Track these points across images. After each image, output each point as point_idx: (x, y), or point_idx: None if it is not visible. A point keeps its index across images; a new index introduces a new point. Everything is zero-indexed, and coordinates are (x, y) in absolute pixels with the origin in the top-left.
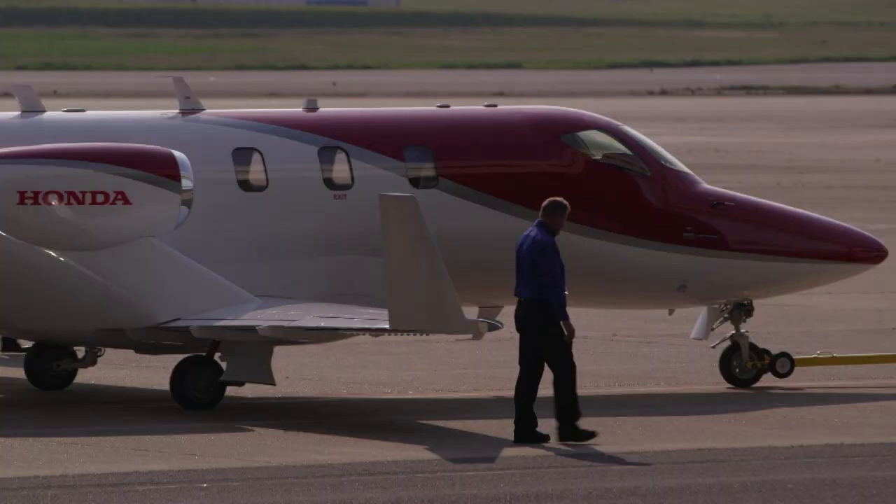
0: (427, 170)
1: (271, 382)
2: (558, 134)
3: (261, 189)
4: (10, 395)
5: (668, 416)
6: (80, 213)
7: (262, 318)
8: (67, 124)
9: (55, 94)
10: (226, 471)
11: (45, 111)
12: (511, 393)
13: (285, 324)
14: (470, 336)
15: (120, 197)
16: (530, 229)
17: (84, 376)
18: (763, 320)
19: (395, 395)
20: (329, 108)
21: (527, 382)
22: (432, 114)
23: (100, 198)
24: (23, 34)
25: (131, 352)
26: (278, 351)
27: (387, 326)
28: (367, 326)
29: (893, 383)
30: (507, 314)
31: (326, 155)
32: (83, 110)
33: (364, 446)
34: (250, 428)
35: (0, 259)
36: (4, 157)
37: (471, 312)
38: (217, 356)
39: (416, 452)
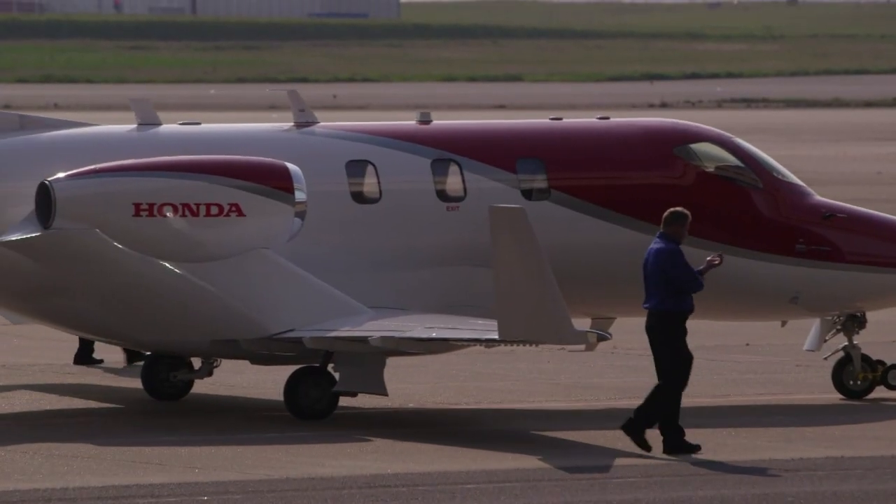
0: (539, 182)
1: (384, 393)
2: (671, 146)
3: (374, 201)
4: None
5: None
6: (194, 225)
7: (374, 328)
8: (183, 137)
9: (55, 106)
10: (226, 483)
11: (160, 124)
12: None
13: (396, 334)
14: (582, 347)
15: (234, 209)
16: (654, 242)
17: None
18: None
19: (396, 406)
20: (442, 121)
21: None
22: (545, 126)
23: (214, 210)
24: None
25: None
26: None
27: (496, 337)
28: (476, 337)
29: (892, 396)
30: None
31: (439, 167)
32: (198, 123)
33: (365, 459)
34: (251, 439)
35: (116, 271)
36: (120, 170)
37: (584, 324)
38: (330, 367)
39: (417, 465)
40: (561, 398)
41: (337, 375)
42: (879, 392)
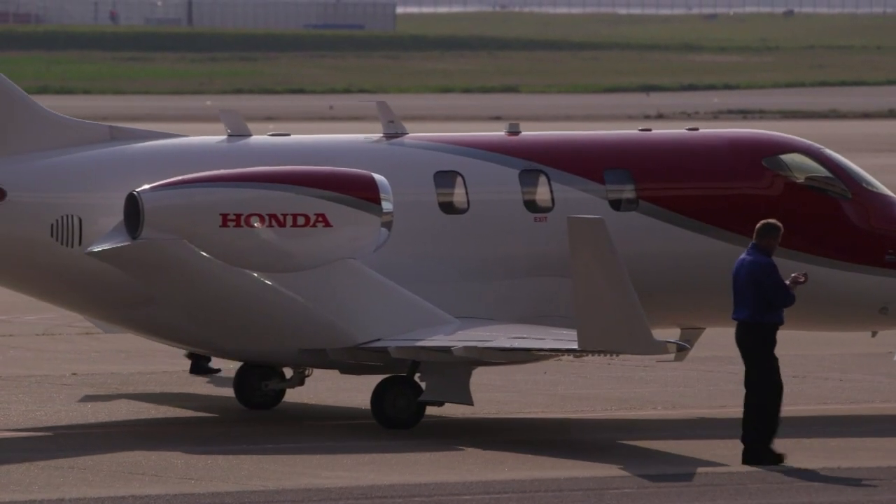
0: (627, 192)
1: (469, 402)
2: (760, 157)
3: (462, 212)
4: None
5: (664, 440)
6: (281, 235)
7: (458, 339)
8: (273, 148)
9: None
10: (222, 495)
11: (251, 135)
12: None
13: (479, 344)
14: (671, 357)
15: (321, 219)
16: (745, 253)
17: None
18: None
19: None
20: (531, 132)
21: (752, 404)
22: (633, 137)
23: (301, 220)
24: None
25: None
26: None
27: (576, 347)
28: (556, 347)
29: (890, 406)
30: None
31: (527, 178)
32: (288, 134)
33: (362, 470)
34: (249, 451)
35: (203, 281)
36: (207, 181)
37: (672, 335)
38: (417, 376)
39: (414, 476)
40: (557, 409)
41: (423, 385)
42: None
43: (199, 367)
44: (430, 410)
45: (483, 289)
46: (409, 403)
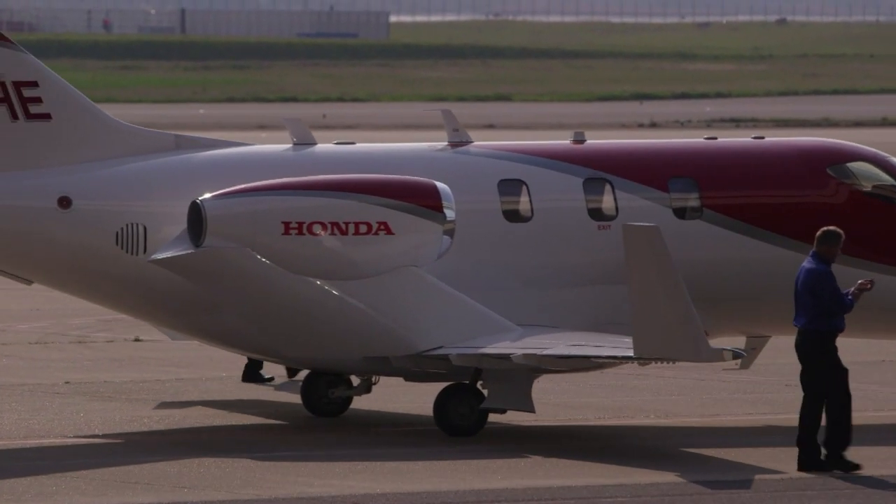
0: (692, 201)
1: (531, 410)
2: (825, 165)
3: (526, 220)
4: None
5: (653, 448)
6: (343, 243)
7: (519, 346)
8: (338, 156)
9: None
10: None
11: (316, 143)
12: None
13: (538, 352)
14: (736, 365)
15: (383, 227)
16: (806, 260)
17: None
18: None
19: (385, 426)
20: (595, 140)
21: (809, 411)
22: (698, 145)
23: (363, 228)
24: None
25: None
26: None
27: (632, 354)
28: (613, 354)
29: (883, 415)
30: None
31: (591, 186)
32: (353, 143)
33: (355, 478)
34: (239, 459)
35: (266, 288)
36: (269, 189)
37: (738, 342)
38: (479, 384)
39: (406, 484)
40: (548, 417)
41: (485, 392)
42: None
43: (253, 374)
44: (493, 417)
45: (547, 297)
46: (471, 411)
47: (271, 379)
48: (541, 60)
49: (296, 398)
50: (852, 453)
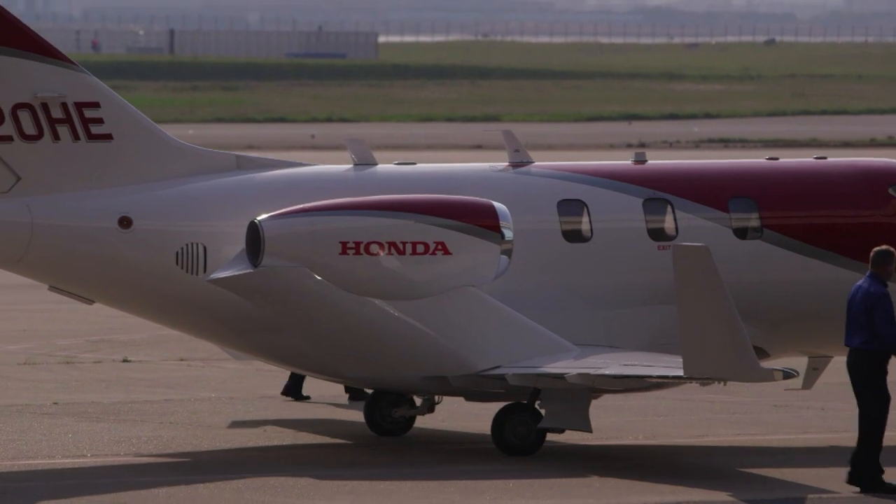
0: (752, 221)
1: (588, 429)
2: (886, 185)
3: (586, 240)
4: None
5: (646, 468)
6: (400, 263)
7: (573, 366)
8: (398, 176)
9: None
10: None
11: (376, 164)
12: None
13: (592, 371)
14: (801, 386)
15: (440, 247)
16: (862, 280)
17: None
18: None
19: (373, 445)
20: (656, 161)
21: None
22: (758, 166)
23: (420, 248)
24: None
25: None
26: (259, 402)
27: (682, 374)
28: (664, 374)
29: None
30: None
31: (651, 206)
32: (414, 163)
33: (342, 500)
34: (226, 479)
35: (324, 308)
36: (327, 209)
37: (799, 363)
38: (537, 403)
39: None
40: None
41: (543, 412)
42: None
43: (294, 391)
44: (551, 437)
45: (606, 317)
46: (529, 430)
47: (308, 398)
48: (530, 81)
49: (360, 417)
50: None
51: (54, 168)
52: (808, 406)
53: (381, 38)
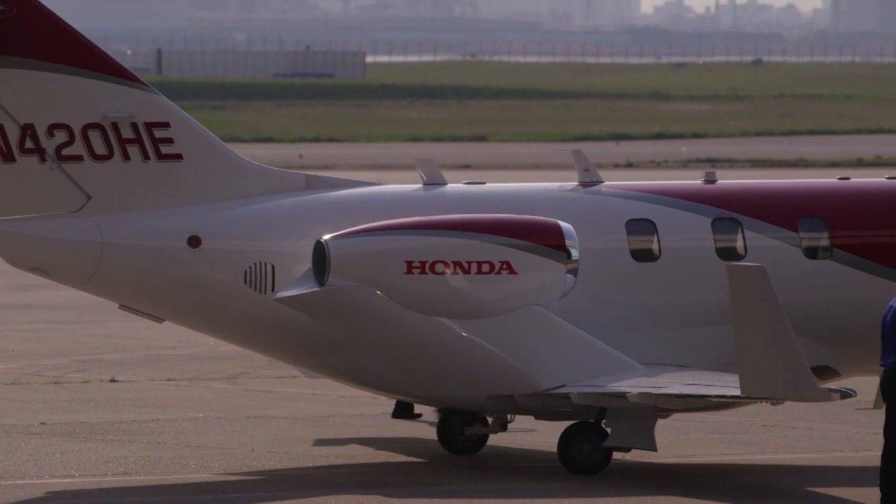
0: (822, 240)
1: (653, 448)
2: None
3: (654, 259)
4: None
5: (641, 488)
6: (465, 282)
7: (637, 385)
8: (468, 196)
9: None
10: None
11: (446, 183)
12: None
13: (653, 391)
14: (872, 406)
15: (505, 266)
16: (894, 300)
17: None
18: None
19: (361, 467)
20: (726, 180)
21: (893, 454)
22: (828, 185)
23: (485, 267)
24: None
25: None
26: (247, 422)
27: (739, 393)
28: (722, 393)
29: (858, 455)
30: None
31: (720, 226)
32: (483, 182)
33: None
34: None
35: (389, 327)
36: (392, 228)
37: (871, 383)
38: (604, 422)
39: None
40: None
41: (609, 431)
42: None
43: (404, 410)
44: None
45: (674, 336)
46: (594, 449)
47: (419, 416)
48: (517, 101)
49: (433, 435)
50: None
51: (124, 187)
52: (795, 426)
53: (369, 58)
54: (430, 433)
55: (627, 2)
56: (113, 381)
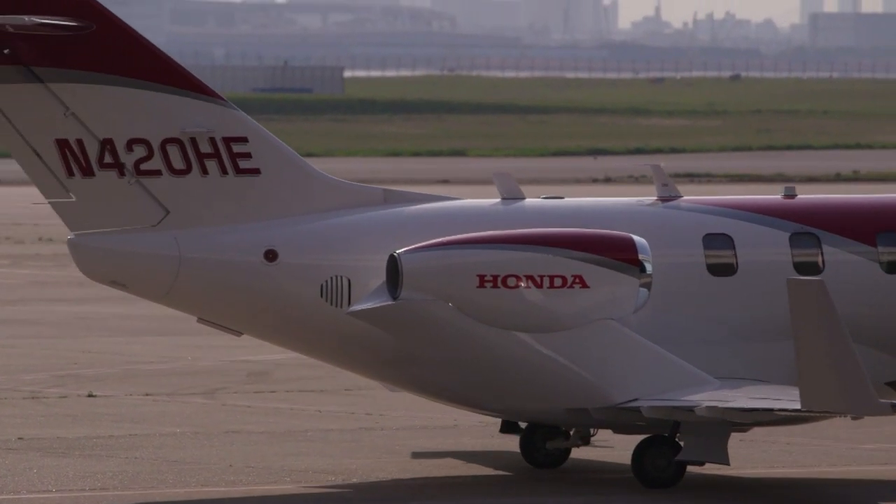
0: None
1: (726, 462)
2: None
3: (731, 273)
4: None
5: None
6: (537, 296)
7: (705, 399)
8: (545, 210)
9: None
10: None
11: (524, 198)
12: None
13: (720, 404)
14: None
15: (577, 280)
16: None
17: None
18: None
19: (338, 483)
20: (805, 195)
21: None
22: None
23: (558, 281)
24: None
25: None
26: (225, 437)
27: (799, 407)
28: (786, 407)
29: (837, 469)
30: None
31: (798, 241)
32: (561, 197)
33: None
34: None
35: (462, 340)
36: (465, 243)
37: None
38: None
39: None
40: (505, 470)
41: (682, 444)
42: None
43: (511, 425)
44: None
45: (751, 350)
46: (667, 463)
47: (522, 430)
48: (496, 115)
49: (516, 449)
50: None
51: (202, 202)
52: (774, 441)
53: (347, 73)
54: (513, 447)
55: (605, 17)
56: (91, 395)
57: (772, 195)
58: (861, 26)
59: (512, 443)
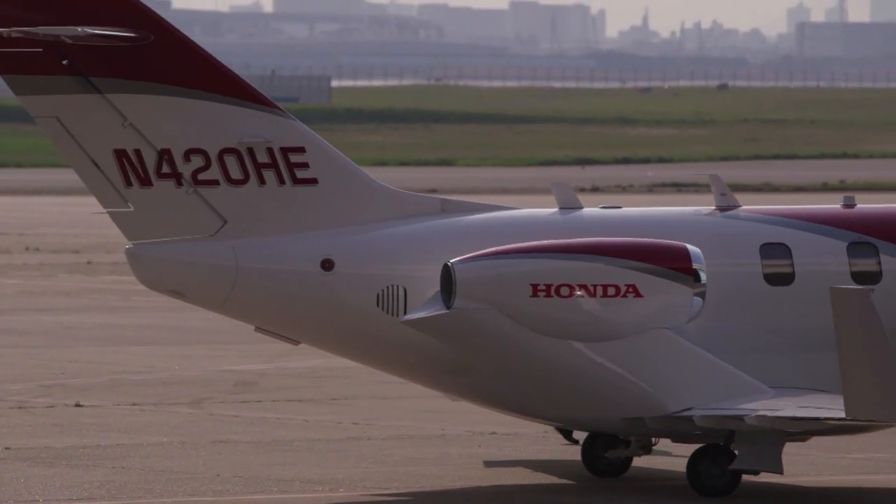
0: None
1: (780, 471)
2: None
3: (787, 283)
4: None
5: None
6: (591, 305)
7: (756, 408)
8: (603, 220)
9: None
10: None
11: (582, 207)
12: None
13: (769, 414)
14: None
15: (631, 290)
16: None
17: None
18: None
19: (325, 493)
20: (864, 205)
21: None
22: None
23: (611, 290)
24: None
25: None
26: (212, 447)
27: (844, 416)
28: (832, 416)
29: (821, 479)
30: None
31: (856, 250)
32: (619, 207)
33: None
34: None
35: (515, 349)
36: (518, 252)
37: None
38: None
39: None
40: (492, 480)
41: (737, 453)
42: None
43: (565, 434)
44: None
45: (808, 360)
46: (722, 472)
47: (577, 442)
48: (483, 125)
49: (577, 458)
50: None
51: (259, 212)
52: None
53: (334, 83)
54: (576, 456)
55: (593, 26)
56: (78, 405)
57: (832, 204)
58: (848, 36)
59: (493, 453)
